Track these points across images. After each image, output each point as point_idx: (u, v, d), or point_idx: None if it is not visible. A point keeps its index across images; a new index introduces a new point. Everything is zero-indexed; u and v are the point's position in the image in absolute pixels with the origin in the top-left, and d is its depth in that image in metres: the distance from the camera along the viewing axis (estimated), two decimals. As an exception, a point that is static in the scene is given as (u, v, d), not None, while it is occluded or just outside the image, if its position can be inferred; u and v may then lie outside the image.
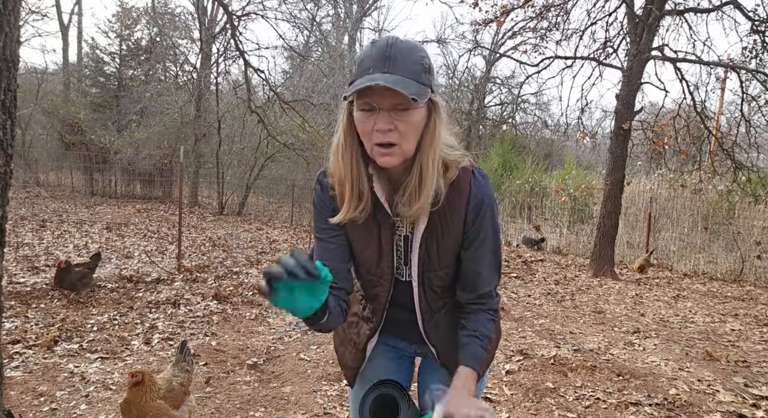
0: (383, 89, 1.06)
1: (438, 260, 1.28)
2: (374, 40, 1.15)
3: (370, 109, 1.11)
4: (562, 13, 8.46)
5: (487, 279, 1.32)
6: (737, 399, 3.39)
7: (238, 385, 3.34)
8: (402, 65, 1.08)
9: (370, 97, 1.09)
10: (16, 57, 2.07)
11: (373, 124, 1.10)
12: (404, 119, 1.10)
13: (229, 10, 8.60)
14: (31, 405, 2.88)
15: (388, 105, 1.09)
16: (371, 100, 1.10)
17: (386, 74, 1.07)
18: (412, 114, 1.11)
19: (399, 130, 1.11)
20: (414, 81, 1.08)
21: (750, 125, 7.95)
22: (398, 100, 1.08)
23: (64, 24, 20.83)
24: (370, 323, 1.44)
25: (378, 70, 1.08)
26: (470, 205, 1.23)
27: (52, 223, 9.47)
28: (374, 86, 1.05)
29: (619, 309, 5.82)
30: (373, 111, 1.10)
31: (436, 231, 1.25)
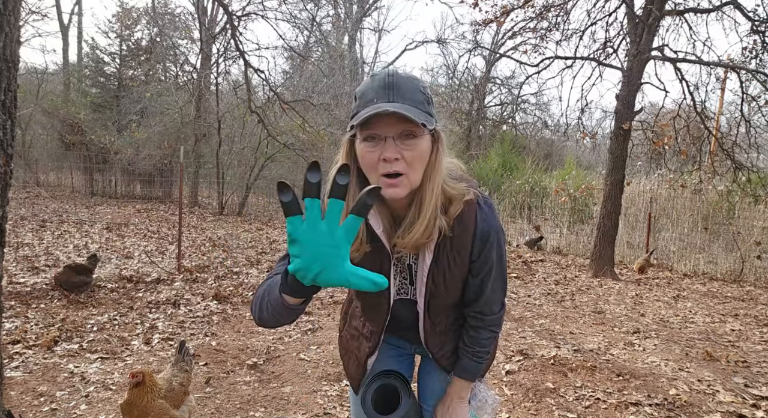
0: (389, 117, 1.05)
1: (445, 288, 1.28)
2: (373, 73, 1.15)
3: (375, 138, 1.08)
4: (562, 13, 8.46)
5: (491, 299, 1.33)
6: (737, 399, 3.38)
7: (238, 385, 3.33)
8: (405, 93, 1.08)
9: (375, 126, 1.07)
10: (17, 57, 2.07)
11: (378, 154, 1.08)
12: (411, 147, 1.08)
13: (229, 11, 8.60)
14: (31, 405, 2.88)
15: (394, 133, 1.07)
16: (377, 130, 1.08)
17: (391, 103, 1.06)
18: (419, 142, 1.09)
19: (406, 160, 1.08)
20: (418, 109, 1.08)
21: (750, 125, 7.95)
22: (405, 127, 1.07)
23: (64, 24, 20.86)
24: (369, 342, 1.42)
25: (382, 100, 1.07)
26: (476, 239, 1.22)
27: (52, 223, 9.47)
28: (382, 113, 1.03)
29: (619, 309, 5.82)
30: (379, 140, 1.08)
31: (443, 264, 1.24)
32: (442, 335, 1.41)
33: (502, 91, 23.49)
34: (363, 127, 1.09)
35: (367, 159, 1.10)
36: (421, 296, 1.29)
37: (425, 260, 1.24)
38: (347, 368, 1.52)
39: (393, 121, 1.06)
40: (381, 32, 29.95)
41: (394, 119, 1.05)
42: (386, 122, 1.06)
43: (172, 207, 13.56)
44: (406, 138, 1.07)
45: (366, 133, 1.09)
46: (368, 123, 1.07)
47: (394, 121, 1.06)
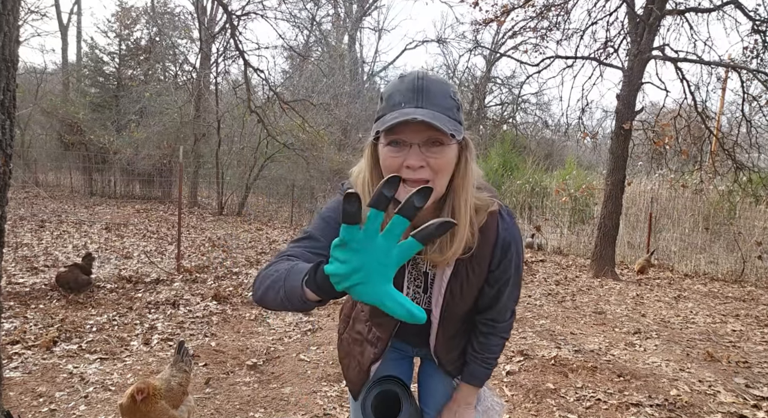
0: (414, 125, 1.00)
1: (461, 297, 1.25)
2: (402, 74, 1.09)
3: (399, 143, 1.03)
4: (563, 12, 8.45)
5: (505, 307, 1.32)
6: (738, 400, 3.38)
7: (238, 386, 3.32)
8: (434, 99, 1.02)
9: (401, 132, 1.02)
10: (15, 57, 2.07)
11: (402, 161, 1.02)
12: (437, 156, 1.03)
13: (229, 10, 8.59)
14: (30, 406, 2.87)
15: (420, 140, 1.02)
16: (402, 136, 1.02)
17: (419, 108, 1.00)
18: (446, 151, 1.03)
19: (431, 167, 1.03)
20: (447, 117, 1.02)
21: (751, 125, 7.95)
22: (432, 135, 1.02)
23: (63, 24, 20.85)
24: (374, 348, 1.39)
25: (410, 104, 1.01)
26: (497, 249, 1.20)
27: (51, 223, 9.45)
28: (410, 121, 0.97)
29: (620, 310, 5.81)
30: (403, 146, 1.03)
31: (462, 274, 1.21)
32: (450, 341, 1.39)
33: (502, 91, 23.51)
34: (387, 132, 1.04)
35: (390, 164, 1.04)
36: (438, 307, 1.26)
37: (445, 270, 1.20)
38: (347, 372, 1.49)
39: (420, 128, 1.01)
40: (381, 32, 29.97)
41: (422, 126, 1.00)
42: (413, 129, 1.01)
43: (172, 207, 13.55)
44: (432, 145, 1.02)
45: (390, 138, 1.04)
46: (393, 128, 1.02)
47: (421, 128, 1.01)
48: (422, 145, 1.02)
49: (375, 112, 1.11)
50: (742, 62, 7.76)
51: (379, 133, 1.05)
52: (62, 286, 4.77)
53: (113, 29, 16.86)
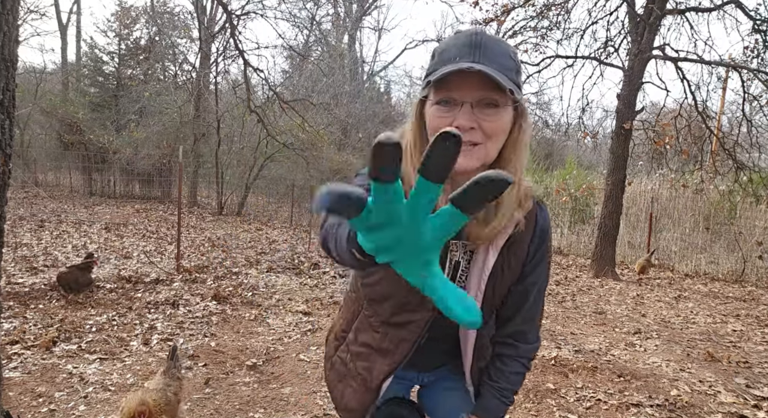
0: (471, 79, 0.90)
1: (498, 296, 1.11)
2: (458, 30, 1.00)
3: (449, 103, 0.93)
4: (563, 12, 8.45)
5: (530, 315, 1.15)
6: (739, 400, 3.38)
7: (238, 386, 3.31)
8: (492, 56, 0.92)
9: (453, 88, 0.92)
10: (15, 56, 2.06)
11: (451, 121, 0.92)
12: (491, 118, 0.92)
13: (229, 9, 8.58)
14: (30, 406, 2.86)
15: (473, 99, 0.91)
16: (454, 93, 0.92)
17: (477, 63, 0.90)
18: (501, 114, 0.93)
19: (483, 131, 0.92)
20: (506, 77, 0.91)
21: (751, 125, 7.95)
22: (487, 94, 0.91)
23: (62, 23, 20.83)
24: (389, 357, 1.15)
25: (465, 59, 0.91)
26: (535, 238, 1.09)
27: (51, 223, 9.44)
28: (466, 69, 0.87)
29: (620, 310, 5.80)
30: (454, 106, 0.92)
31: (502, 265, 1.07)
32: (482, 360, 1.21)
33: (502, 91, 23.44)
34: (438, 88, 0.93)
35: (437, 125, 0.94)
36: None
37: (488, 258, 1.05)
38: (342, 399, 1.22)
39: (474, 85, 0.90)
40: (381, 31, 29.97)
41: (476, 83, 0.90)
42: (467, 85, 0.91)
43: (171, 207, 13.53)
44: (486, 107, 0.92)
45: (440, 96, 0.93)
46: (445, 83, 0.92)
47: (475, 85, 0.90)
48: (475, 106, 0.92)
49: (425, 70, 1.00)
50: (742, 62, 7.77)
51: (428, 90, 0.95)
52: (63, 286, 4.76)
53: (113, 29, 16.87)
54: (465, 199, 0.48)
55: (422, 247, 0.53)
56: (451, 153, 0.45)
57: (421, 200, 0.50)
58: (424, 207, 0.50)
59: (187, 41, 16.38)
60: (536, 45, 9.00)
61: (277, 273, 6.68)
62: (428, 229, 0.52)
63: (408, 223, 0.51)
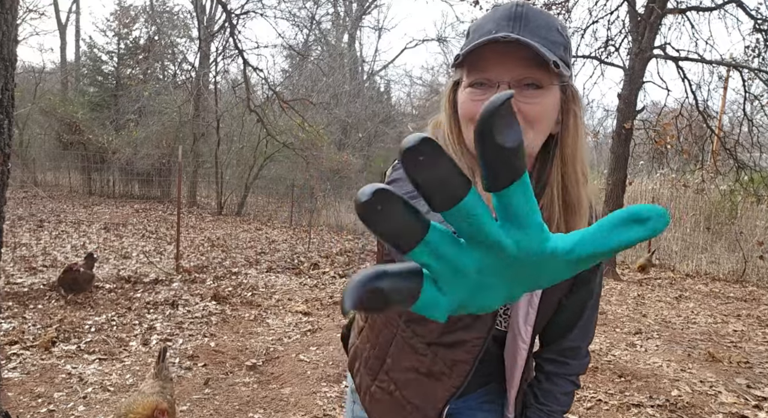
0: (509, 55, 0.77)
1: (549, 309, 0.97)
2: (497, 3, 0.91)
3: (484, 84, 0.80)
4: (564, 11, 8.43)
5: (585, 331, 1.02)
6: (739, 400, 3.38)
7: (237, 386, 3.31)
8: (536, 28, 0.79)
9: (488, 66, 0.79)
10: (14, 56, 2.06)
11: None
12: (533, 101, 0.79)
13: (228, 9, 8.57)
14: (29, 406, 2.85)
15: (512, 78, 0.78)
16: (489, 72, 0.79)
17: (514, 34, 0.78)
18: (546, 96, 0.79)
19: (524, 115, 0.79)
20: (551, 51, 0.78)
21: (752, 124, 7.94)
22: (527, 72, 0.78)
23: (61, 23, 20.81)
24: (445, 381, 0.98)
25: (504, 31, 0.78)
26: None
27: (50, 223, 9.43)
28: (501, 39, 0.75)
29: (621, 310, 5.79)
30: (489, 87, 0.80)
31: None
32: (529, 376, 1.08)
33: (502, 90, 23.48)
34: (471, 68, 0.81)
35: (468, 109, 0.82)
36: (529, 324, 0.93)
37: None
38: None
39: (513, 61, 0.78)
40: (381, 31, 29.97)
41: (515, 59, 0.77)
42: (504, 62, 0.78)
43: (171, 207, 13.51)
44: (527, 88, 0.79)
45: (473, 77, 0.81)
46: (478, 61, 0.79)
47: (514, 61, 0.78)
48: (514, 87, 0.78)
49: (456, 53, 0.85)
50: (743, 61, 7.77)
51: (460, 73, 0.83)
52: (64, 286, 4.73)
53: (112, 28, 16.85)
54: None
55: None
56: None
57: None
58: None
59: (187, 40, 16.39)
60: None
61: (277, 273, 6.67)
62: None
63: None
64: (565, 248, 0.31)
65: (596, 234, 0.31)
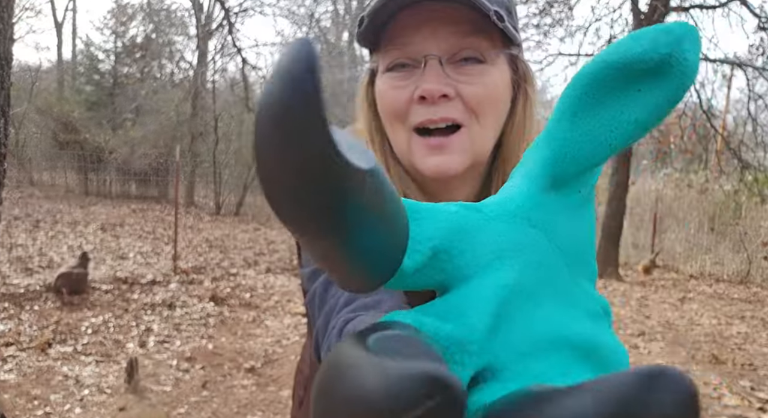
0: (431, 17, 0.57)
1: None
2: None
3: (406, 66, 0.60)
4: (566, 9, 8.42)
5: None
6: (743, 403, 3.37)
7: (235, 389, 3.29)
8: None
9: (407, 41, 0.59)
10: (10, 54, 2.09)
11: (411, 93, 0.58)
12: (474, 78, 0.58)
13: (226, 6, 8.54)
14: (25, 409, 2.84)
15: (442, 49, 0.58)
16: (409, 49, 0.59)
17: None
18: (490, 72, 0.59)
19: (464, 99, 0.58)
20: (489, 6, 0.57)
21: (757, 124, 7.96)
22: (463, 42, 0.58)
23: (58, 21, 20.76)
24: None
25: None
26: None
27: (46, 223, 9.40)
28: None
29: (624, 311, 5.78)
30: (413, 68, 0.59)
31: None
32: None
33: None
34: (388, 44, 0.60)
35: (390, 101, 0.60)
36: None
37: None
38: None
39: (443, 28, 0.57)
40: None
41: (445, 25, 0.57)
42: (431, 30, 0.57)
43: (168, 207, 13.47)
44: (465, 62, 0.58)
45: (392, 57, 0.60)
46: (396, 33, 0.59)
47: (444, 28, 0.57)
48: (448, 62, 0.58)
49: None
50: (747, 60, 7.77)
51: (376, 58, 0.63)
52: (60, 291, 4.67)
53: (109, 26, 16.83)
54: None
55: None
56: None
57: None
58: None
59: (184, 38, 16.36)
60: (539, 43, 8.98)
61: (276, 274, 6.65)
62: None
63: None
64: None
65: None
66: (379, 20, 0.58)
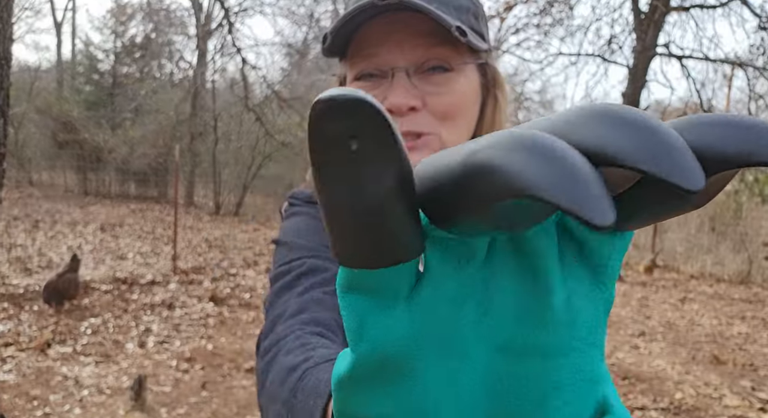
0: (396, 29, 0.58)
1: None
2: None
3: (374, 76, 0.60)
4: (566, 8, 8.43)
5: None
6: (744, 403, 3.37)
7: (235, 389, 3.29)
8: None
9: (373, 53, 0.59)
10: (9, 54, 2.07)
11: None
12: (441, 88, 0.59)
13: (226, 6, 8.53)
14: (24, 409, 2.84)
15: (408, 61, 0.58)
16: (375, 58, 0.59)
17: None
18: (457, 80, 0.59)
19: (432, 110, 0.59)
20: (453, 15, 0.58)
21: (757, 124, 7.93)
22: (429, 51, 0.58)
23: (57, 21, 20.75)
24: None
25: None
26: None
27: (45, 223, 9.39)
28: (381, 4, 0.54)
29: (625, 312, 5.78)
30: (381, 79, 0.60)
31: None
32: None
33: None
34: (355, 55, 0.61)
35: None
36: None
37: None
38: None
39: (408, 40, 0.58)
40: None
41: (410, 36, 0.58)
42: (396, 41, 0.58)
43: (168, 207, 13.47)
44: (432, 72, 0.59)
45: (360, 67, 0.61)
46: (363, 44, 0.60)
47: (409, 40, 0.58)
48: (414, 73, 0.59)
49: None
50: (748, 60, 7.77)
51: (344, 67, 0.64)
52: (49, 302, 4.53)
53: (108, 26, 16.81)
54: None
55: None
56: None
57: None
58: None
59: (184, 38, 16.34)
60: (539, 42, 8.99)
61: (276, 273, 6.63)
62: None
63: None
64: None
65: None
66: (345, 32, 0.58)
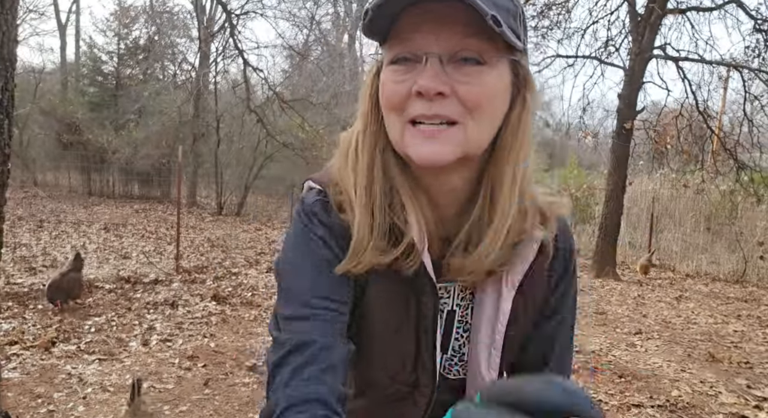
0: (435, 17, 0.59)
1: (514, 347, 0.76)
2: None
3: (409, 60, 0.62)
4: (564, 11, 8.44)
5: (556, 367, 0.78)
6: (740, 401, 3.38)
7: (237, 387, 3.30)
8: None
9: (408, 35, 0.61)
10: (14, 56, 2.07)
11: (410, 87, 0.61)
12: (472, 79, 0.60)
13: (228, 9, 8.57)
14: (29, 407, 2.85)
15: (443, 49, 0.60)
16: (411, 43, 0.61)
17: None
18: (489, 74, 0.60)
19: (461, 99, 0.60)
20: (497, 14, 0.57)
21: (752, 125, 7.96)
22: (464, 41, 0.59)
23: (61, 23, 20.82)
24: None
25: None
26: (557, 263, 0.75)
27: (50, 223, 9.42)
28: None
29: (621, 310, 5.79)
30: (414, 63, 0.61)
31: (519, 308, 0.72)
32: None
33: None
34: (393, 39, 0.63)
35: (390, 92, 0.63)
36: (492, 369, 0.73)
37: (501, 300, 0.71)
38: None
39: (446, 28, 0.59)
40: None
41: (448, 25, 0.59)
42: (433, 28, 0.59)
43: (170, 207, 13.49)
44: (464, 63, 0.60)
45: (396, 51, 0.63)
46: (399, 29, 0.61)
47: (446, 28, 0.59)
48: (448, 62, 0.60)
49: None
50: (743, 61, 7.78)
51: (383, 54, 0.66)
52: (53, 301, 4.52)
53: (112, 28, 16.82)
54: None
55: None
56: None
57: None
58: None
59: (187, 41, 16.37)
60: (537, 44, 9.00)
61: (277, 273, 6.65)
62: None
63: None
64: None
65: None
66: (385, 16, 0.60)
